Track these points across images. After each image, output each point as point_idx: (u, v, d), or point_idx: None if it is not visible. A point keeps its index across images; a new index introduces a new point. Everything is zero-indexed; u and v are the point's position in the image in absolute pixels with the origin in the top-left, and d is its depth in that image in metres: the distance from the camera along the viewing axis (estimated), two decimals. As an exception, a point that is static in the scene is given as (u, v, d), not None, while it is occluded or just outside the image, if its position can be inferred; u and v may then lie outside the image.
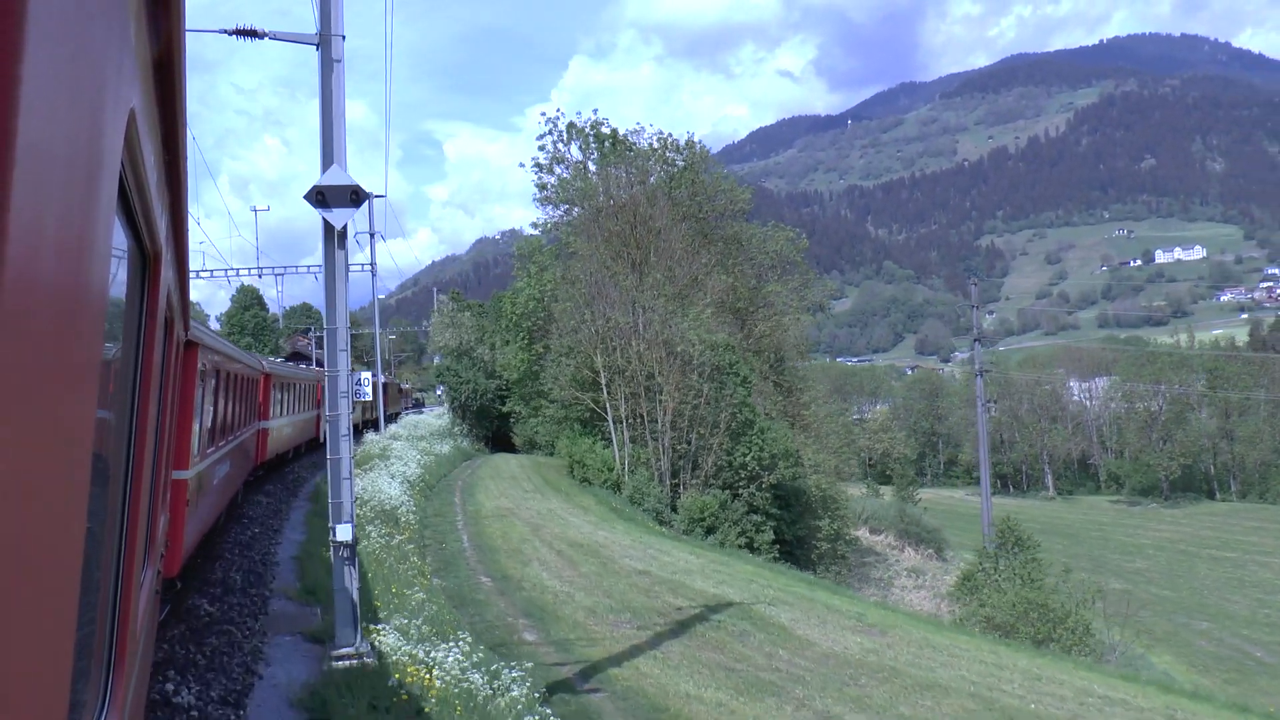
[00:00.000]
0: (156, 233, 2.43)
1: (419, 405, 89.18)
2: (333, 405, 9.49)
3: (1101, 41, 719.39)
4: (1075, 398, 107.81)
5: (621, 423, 37.81)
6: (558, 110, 50.93)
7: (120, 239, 1.81)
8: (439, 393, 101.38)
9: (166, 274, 3.02)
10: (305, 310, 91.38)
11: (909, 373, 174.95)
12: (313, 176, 9.18)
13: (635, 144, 48.05)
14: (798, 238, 47.38)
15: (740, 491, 35.21)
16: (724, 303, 43.82)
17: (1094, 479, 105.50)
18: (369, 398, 38.15)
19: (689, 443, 36.18)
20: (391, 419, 61.61)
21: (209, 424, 11.24)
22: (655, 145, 46.70)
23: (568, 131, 50.77)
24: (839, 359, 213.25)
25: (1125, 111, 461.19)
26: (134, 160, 1.74)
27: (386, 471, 28.44)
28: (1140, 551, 71.40)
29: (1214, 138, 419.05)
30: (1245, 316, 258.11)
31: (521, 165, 52.66)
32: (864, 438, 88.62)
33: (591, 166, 50.21)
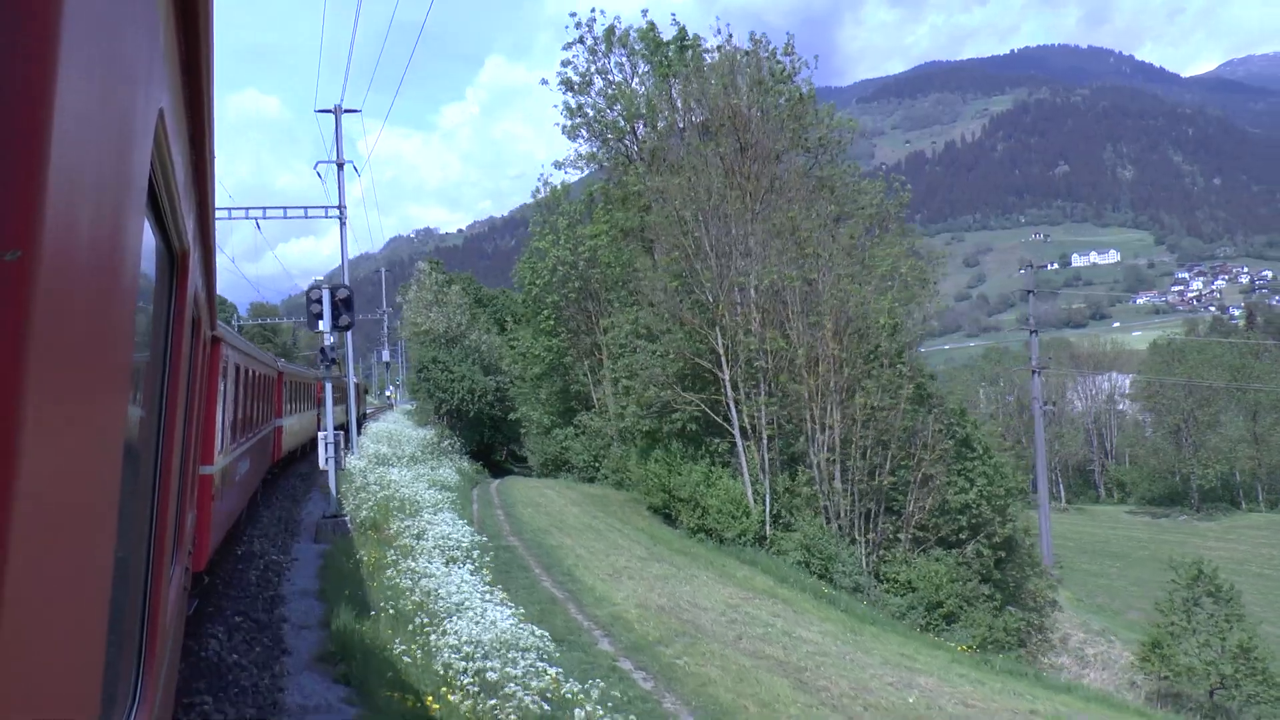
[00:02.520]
0: (184, 232, 2.47)
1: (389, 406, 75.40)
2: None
3: (1013, 51, 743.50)
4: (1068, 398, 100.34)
5: (758, 438, 25.07)
6: (592, 12, 37.66)
7: (149, 238, 1.83)
8: (390, 391, 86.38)
9: (194, 273, 3.10)
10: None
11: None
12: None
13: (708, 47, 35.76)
14: (901, 188, 35.28)
15: (958, 548, 22.92)
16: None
17: (1093, 487, 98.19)
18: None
19: (873, 474, 23.67)
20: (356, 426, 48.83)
21: (230, 420, 11.21)
22: (740, 50, 34.03)
23: (606, 39, 37.69)
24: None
25: (1039, 119, 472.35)
26: (163, 160, 1.74)
27: (428, 549, 15.38)
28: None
29: (1124, 146, 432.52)
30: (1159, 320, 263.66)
31: (544, 82, 39.37)
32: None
33: (638, 84, 37.27)
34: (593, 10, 38.50)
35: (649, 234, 32.92)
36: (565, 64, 38.83)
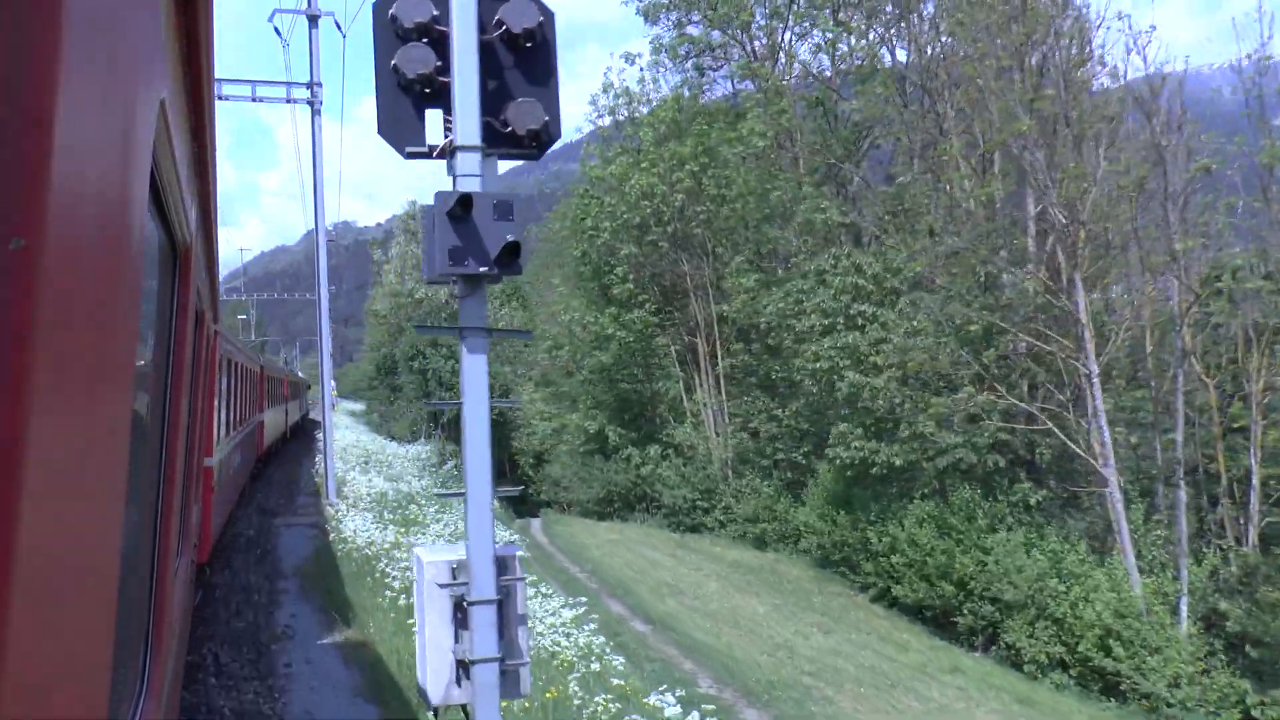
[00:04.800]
0: (187, 224, 2.46)
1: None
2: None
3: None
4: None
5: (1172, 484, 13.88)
6: None
7: (152, 230, 1.82)
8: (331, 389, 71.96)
9: (197, 265, 3.08)
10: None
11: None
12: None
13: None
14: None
15: None
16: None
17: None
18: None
19: None
20: (290, 437, 36.64)
21: (225, 412, 11.28)
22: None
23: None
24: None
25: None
26: (164, 152, 1.72)
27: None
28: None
29: None
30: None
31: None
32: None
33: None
34: None
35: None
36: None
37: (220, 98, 18.99)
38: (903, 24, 25.52)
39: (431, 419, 33.81)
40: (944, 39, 22.63)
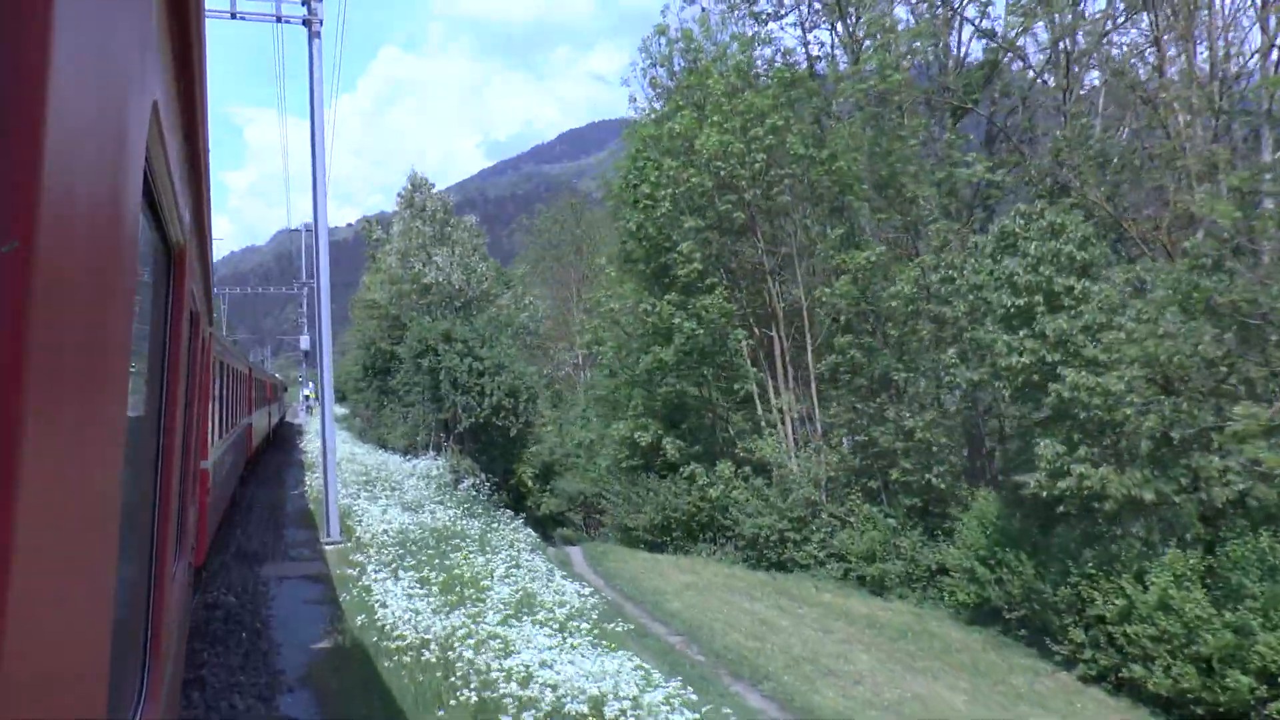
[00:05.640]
0: (181, 226, 2.45)
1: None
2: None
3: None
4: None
5: None
6: None
7: (146, 232, 1.84)
8: (308, 391, 64.96)
9: (192, 267, 3.05)
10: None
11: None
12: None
13: None
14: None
15: None
16: None
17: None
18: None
19: None
20: (272, 441, 33.54)
21: (218, 415, 11.11)
22: None
23: None
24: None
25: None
26: (157, 153, 1.71)
27: None
28: None
29: None
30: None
31: None
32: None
33: None
34: None
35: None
36: None
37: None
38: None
39: (442, 428, 27.99)
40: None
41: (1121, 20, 20.26)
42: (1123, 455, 13.53)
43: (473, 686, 7.45)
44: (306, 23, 15.53)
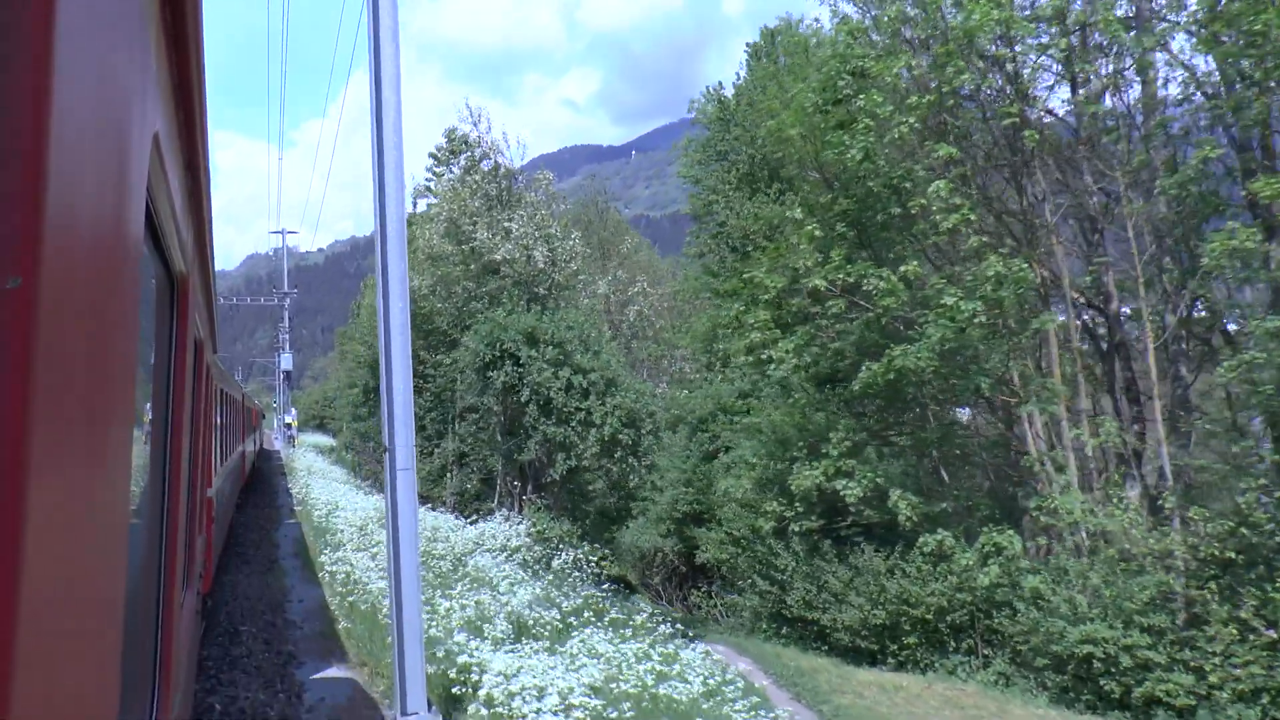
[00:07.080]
0: (183, 256, 2.42)
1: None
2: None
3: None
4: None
5: None
6: None
7: (149, 262, 1.81)
8: (290, 419, 54.94)
9: (195, 296, 3.01)
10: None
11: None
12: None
13: None
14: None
15: None
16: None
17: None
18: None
19: None
20: (254, 480, 26.34)
21: (220, 443, 10.91)
22: None
23: None
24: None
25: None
26: (159, 184, 1.70)
27: None
28: None
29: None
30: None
31: None
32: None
33: None
34: None
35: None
36: None
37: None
38: None
39: (519, 473, 19.01)
40: None
41: None
42: None
43: None
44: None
